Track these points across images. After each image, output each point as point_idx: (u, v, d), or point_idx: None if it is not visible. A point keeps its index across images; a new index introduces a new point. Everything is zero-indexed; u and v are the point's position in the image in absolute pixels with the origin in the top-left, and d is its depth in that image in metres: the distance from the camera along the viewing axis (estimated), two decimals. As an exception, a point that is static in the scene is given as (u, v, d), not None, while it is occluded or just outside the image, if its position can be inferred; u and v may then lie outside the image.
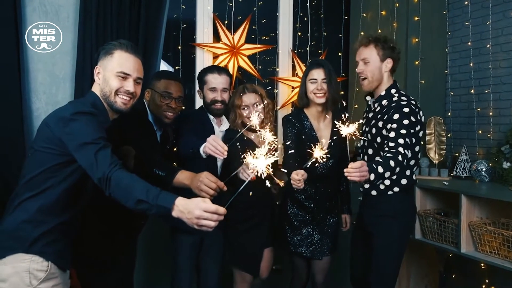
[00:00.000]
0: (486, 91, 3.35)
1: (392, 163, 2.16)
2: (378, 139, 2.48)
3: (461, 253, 2.83)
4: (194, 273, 2.73)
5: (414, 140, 2.32)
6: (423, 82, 3.60)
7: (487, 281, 3.18)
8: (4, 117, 2.87)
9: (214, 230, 2.56)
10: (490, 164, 3.14)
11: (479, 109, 3.41)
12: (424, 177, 3.42)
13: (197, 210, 1.58)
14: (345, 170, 2.06)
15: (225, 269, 2.78)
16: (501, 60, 3.27)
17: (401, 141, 2.26)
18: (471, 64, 3.46)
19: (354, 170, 2.04)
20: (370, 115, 2.61)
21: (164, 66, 3.69)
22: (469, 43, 3.47)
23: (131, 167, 2.09)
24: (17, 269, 1.75)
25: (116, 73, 1.90)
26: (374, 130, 2.52)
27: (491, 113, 3.31)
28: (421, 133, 2.46)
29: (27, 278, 1.75)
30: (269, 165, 1.74)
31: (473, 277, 3.27)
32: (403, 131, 2.29)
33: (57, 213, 1.82)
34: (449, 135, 3.62)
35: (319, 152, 1.99)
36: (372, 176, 2.10)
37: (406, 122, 2.32)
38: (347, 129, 2.08)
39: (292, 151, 2.54)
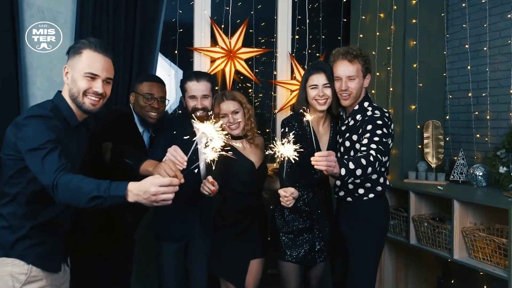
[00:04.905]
0: (484, 94, 3.30)
1: (363, 161, 2.15)
2: (352, 153, 2.46)
3: (454, 259, 2.80)
4: (181, 279, 2.73)
5: (385, 149, 2.31)
6: (421, 85, 3.56)
7: (485, 287, 3.14)
8: (2, 122, 2.92)
9: (200, 235, 2.64)
10: (487, 169, 3.10)
11: (477, 113, 3.36)
12: (420, 181, 3.39)
13: (153, 186, 1.58)
14: (312, 158, 2.02)
15: (215, 274, 2.75)
16: (499, 63, 3.22)
17: (373, 146, 2.25)
18: (469, 67, 3.41)
19: (321, 158, 2.00)
20: (343, 128, 2.58)
21: (165, 64, 3.70)
22: (467, 46, 3.43)
23: (108, 159, 2.24)
24: (0, 273, 1.80)
25: (85, 74, 1.87)
26: (348, 143, 2.50)
27: (488, 117, 3.26)
28: (391, 145, 2.46)
29: (10, 281, 1.80)
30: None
31: (471, 283, 3.23)
32: (376, 139, 2.29)
33: (31, 217, 1.85)
34: (447, 139, 3.58)
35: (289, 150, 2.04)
36: (343, 171, 2.08)
37: (379, 132, 2.32)
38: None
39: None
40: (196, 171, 1.85)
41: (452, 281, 3.39)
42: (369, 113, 2.45)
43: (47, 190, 1.65)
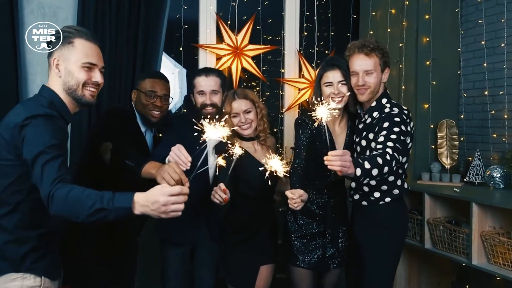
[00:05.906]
0: (501, 93, 3.17)
1: (379, 160, 2.00)
2: (368, 152, 2.31)
3: (473, 265, 2.68)
4: (186, 285, 2.63)
5: (403, 148, 2.16)
6: (434, 83, 3.44)
7: (502, 293, 3.02)
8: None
9: (207, 240, 2.51)
10: (505, 170, 2.97)
11: (493, 112, 3.23)
12: (435, 183, 3.27)
13: (162, 196, 1.47)
14: (325, 158, 1.88)
15: (223, 281, 2.64)
16: (516, 60, 3.10)
17: (390, 144, 2.11)
18: (485, 64, 3.28)
19: (335, 158, 1.86)
20: (360, 126, 2.43)
21: (169, 62, 3.58)
22: (483, 42, 3.30)
23: (107, 159, 2.11)
24: None
25: (82, 64, 1.76)
26: (364, 143, 2.36)
27: (506, 116, 3.13)
28: (410, 145, 2.33)
29: None
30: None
31: (488, 288, 3.12)
32: (393, 137, 2.14)
33: (37, 225, 1.71)
34: (462, 139, 3.45)
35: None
36: (358, 171, 1.93)
37: (396, 129, 2.17)
38: (322, 111, 1.89)
39: (302, 157, 2.37)
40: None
41: (467, 286, 3.27)
42: (386, 110, 2.31)
43: (43, 201, 1.52)
